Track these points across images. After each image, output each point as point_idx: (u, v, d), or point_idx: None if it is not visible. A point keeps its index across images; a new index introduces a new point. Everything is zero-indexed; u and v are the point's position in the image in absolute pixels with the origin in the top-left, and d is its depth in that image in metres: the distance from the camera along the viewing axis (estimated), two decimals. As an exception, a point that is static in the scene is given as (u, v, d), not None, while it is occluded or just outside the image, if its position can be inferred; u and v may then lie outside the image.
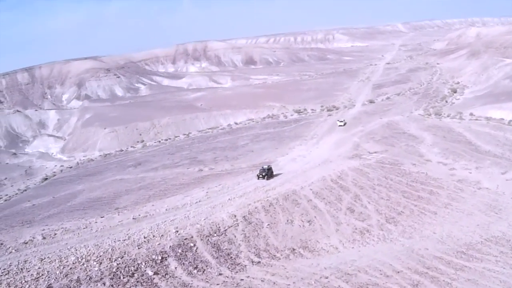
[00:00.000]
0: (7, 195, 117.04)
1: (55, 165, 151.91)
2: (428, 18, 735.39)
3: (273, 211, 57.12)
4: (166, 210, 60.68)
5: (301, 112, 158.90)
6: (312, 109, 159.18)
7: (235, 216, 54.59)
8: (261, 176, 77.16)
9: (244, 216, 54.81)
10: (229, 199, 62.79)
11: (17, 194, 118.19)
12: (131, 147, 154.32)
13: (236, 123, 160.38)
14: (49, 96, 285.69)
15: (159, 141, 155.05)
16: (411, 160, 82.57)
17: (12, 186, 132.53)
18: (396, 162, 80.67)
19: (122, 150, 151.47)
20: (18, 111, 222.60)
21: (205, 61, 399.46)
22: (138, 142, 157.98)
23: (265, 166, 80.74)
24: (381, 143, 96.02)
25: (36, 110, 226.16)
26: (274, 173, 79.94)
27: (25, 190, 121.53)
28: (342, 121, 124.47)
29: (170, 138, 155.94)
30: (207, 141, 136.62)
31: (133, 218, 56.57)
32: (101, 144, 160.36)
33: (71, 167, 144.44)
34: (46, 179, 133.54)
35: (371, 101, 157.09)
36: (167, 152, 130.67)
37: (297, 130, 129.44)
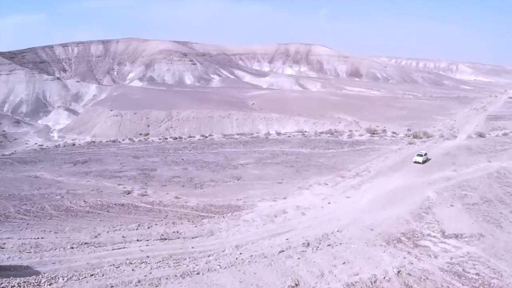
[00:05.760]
0: None
1: (35, 143, 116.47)
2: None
3: None
4: None
5: (376, 132, 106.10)
6: (394, 132, 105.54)
7: None
8: None
9: None
10: None
11: None
12: (129, 139, 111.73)
13: (277, 133, 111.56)
14: (115, 73, 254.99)
15: (165, 138, 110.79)
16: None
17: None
18: (497, 284, 27.78)
19: (114, 141, 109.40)
20: (58, 78, 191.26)
21: (305, 65, 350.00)
22: (141, 134, 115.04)
23: None
24: (475, 213, 42.95)
25: (77, 82, 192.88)
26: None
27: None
28: (422, 156, 70.56)
29: (181, 137, 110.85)
30: (203, 149, 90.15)
31: None
32: (99, 129, 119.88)
33: (41, 149, 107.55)
34: (1, 157, 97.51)
35: (480, 135, 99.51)
36: (135, 155, 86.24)
37: (344, 157, 77.58)
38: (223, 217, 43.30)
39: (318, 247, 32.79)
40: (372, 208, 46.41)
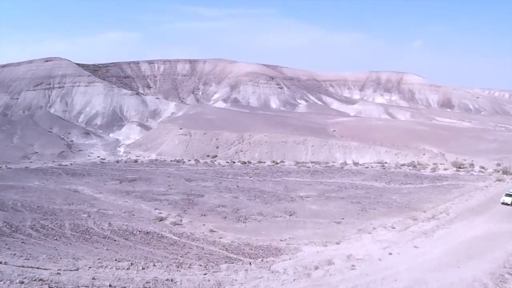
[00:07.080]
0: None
1: (98, 156, 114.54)
2: None
3: None
4: None
5: (462, 167, 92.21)
6: (482, 167, 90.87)
7: None
8: None
9: None
10: None
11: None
12: (194, 159, 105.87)
13: (354, 163, 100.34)
14: (200, 93, 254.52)
15: (233, 162, 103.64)
16: None
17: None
18: None
19: (178, 161, 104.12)
20: (137, 94, 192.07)
21: (396, 94, 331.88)
22: (208, 156, 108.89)
23: None
24: None
25: (157, 98, 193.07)
26: None
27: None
28: (511, 196, 57.03)
29: (250, 162, 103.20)
30: (265, 177, 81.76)
31: None
32: (166, 147, 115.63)
33: (101, 162, 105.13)
34: (55, 167, 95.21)
35: None
36: (189, 177, 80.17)
37: (421, 194, 65.38)
38: (250, 263, 34.18)
39: None
40: (443, 264, 34.93)
